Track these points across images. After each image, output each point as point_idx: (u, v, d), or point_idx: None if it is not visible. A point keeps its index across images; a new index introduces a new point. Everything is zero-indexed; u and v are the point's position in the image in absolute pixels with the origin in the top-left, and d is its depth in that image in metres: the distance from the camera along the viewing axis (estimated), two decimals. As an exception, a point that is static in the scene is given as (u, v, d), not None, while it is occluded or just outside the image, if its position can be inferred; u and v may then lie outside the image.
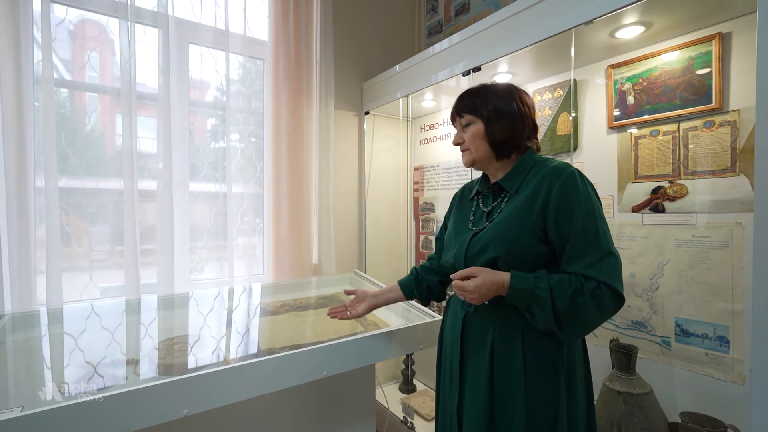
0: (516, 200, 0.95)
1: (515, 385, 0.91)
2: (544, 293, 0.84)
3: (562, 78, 1.68)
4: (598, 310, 0.84)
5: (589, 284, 0.84)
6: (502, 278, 0.88)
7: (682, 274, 1.33)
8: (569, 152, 1.63)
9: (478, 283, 0.88)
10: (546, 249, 0.90)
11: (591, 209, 0.88)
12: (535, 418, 0.90)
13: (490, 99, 0.99)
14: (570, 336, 0.88)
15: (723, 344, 1.24)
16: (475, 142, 1.00)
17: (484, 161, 1.02)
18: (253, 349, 1.27)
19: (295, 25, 2.01)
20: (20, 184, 1.45)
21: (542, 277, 0.87)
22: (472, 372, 0.98)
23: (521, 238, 0.90)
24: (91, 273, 1.69)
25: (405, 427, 1.96)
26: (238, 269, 1.96)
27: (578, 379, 0.95)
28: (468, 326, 1.01)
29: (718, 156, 1.25)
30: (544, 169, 0.93)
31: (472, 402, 0.97)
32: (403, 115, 2.45)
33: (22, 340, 1.26)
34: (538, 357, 0.91)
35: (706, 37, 1.26)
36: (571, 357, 0.94)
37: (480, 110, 0.99)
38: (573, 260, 0.87)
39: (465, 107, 1.02)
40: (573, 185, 0.88)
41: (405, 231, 2.58)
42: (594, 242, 0.86)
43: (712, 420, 1.20)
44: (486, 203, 1.04)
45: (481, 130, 0.99)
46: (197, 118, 1.97)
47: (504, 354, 0.93)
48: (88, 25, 1.70)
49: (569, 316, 0.84)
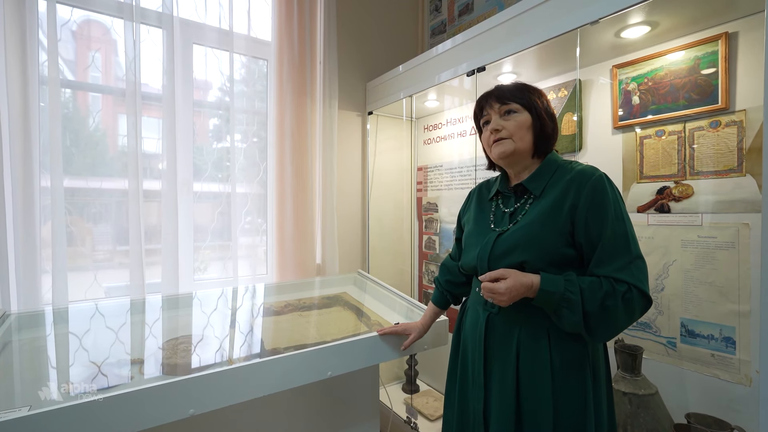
0: (542, 203, 0.94)
1: (543, 386, 0.90)
2: (575, 296, 0.84)
3: (567, 78, 1.68)
4: (626, 313, 0.84)
5: (620, 287, 0.84)
6: (531, 280, 0.87)
7: (688, 275, 1.32)
8: (574, 152, 1.63)
9: (509, 285, 0.86)
10: (573, 252, 0.90)
11: (620, 213, 0.88)
12: (563, 417, 0.90)
13: (537, 94, 1.00)
14: (597, 338, 0.87)
15: (729, 345, 1.23)
16: (521, 132, 0.97)
17: (523, 155, 0.99)
18: (257, 350, 1.27)
19: (298, 26, 2.02)
20: (26, 184, 1.46)
21: (572, 280, 0.86)
22: (499, 373, 0.97)
23: (549, 240, 0.89)
24: (95, 273, 1.70)
25: (408, 427, 1.96)
26: (242, 269, 1.97)
27: (602, 378, 0.95)
28: (492, 328, 1.00)
29: (724, 156, 1.25)
30: (570, 172, 0.93)
31: (499, 404, 0.95)
32: (406, 116, 2.45)
33: (29, 340, 1.26)
34: (564, 357, 0.91)
35: (712, 36, 1.25)
36: (596, 356, 0.94)
37: (531, 102, 0.98)
38: (603, 263, 0.86)
39: (512, 96, 0.99)
40: (602, 189, 0.88)
41: (408, 231, 2.57)
42: (624, 246, 0.86)
43: (718, 421, 1.19)
44: (507, 204, 1.03)
45: (528, 121, 0.98)
46: (200, 119, 1.98)
47: (530, 355, 0.93)
48: (90, 25, 1.70)
49: (599, 319, 0.84)
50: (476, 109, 1.07)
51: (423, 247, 2.48)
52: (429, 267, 2.43)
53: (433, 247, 2.40)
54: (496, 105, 1.00)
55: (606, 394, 0.96)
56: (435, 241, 2.39)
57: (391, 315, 1.55)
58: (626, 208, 0.92)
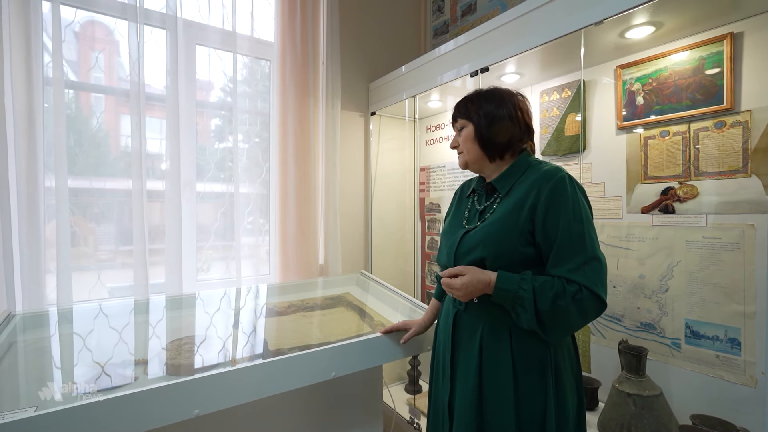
0: (507, 202, 0.98)
1: (504, 380, 0.93)
2: (527, 294, 0.87)
3: (570, 78, 1.67)
4: (579, 314, 0.87)
5: (570, 288, 0.86)
6: (489, 277, 0.92)
7: (693, 276, 1.32)
8: (577, 153, 1.62)
9: (464, 282, 0.93)
10: (533, 251, 0.93)
11: (578, 213, 0.89)
12: (524, 412, 0.92)
13: (480, 103, 1.05)
14: (553, 336, 0.90)
15: (734, 346, 1.23)
16: (467, 145, 1.06)
17: (477, 163, 1.06)
18: (261, 350, 1.28)
19: (301, 26, 2.02)
20: (30, 185, 1.46)
21: (527, 278, 0.89)
22: (463, 367, 1.01)
23: (509, 239, 0.93)
24: (99, 273, 1.70)
25: (411, 427, 1.96)
26: (245, 269, 1.97)
27: (566, 378, 0.96)
28: (459, 323, 1.04)
29: (729, 157, 1.24)
30: (536, 173, 0.96)
31: (462, 396, 0.99)
32: (409, 116, 2.45)
33: (33, 340, 1.27)
34: (525, 355, 0.94)
35: (717, 36, 1.25)
36: (558, 356, 0.95)
37: (471, 114, 1.05)
38: (558, 263, 0.89)
39: (458, 112, 1.09)
40: (562, 189, 0.90)
41: (411, 231, 2.57)
42: (579, 246, 0.88)
43: (723, 423, 1.19)
44: (480, 201, 1.08)
45: (471, 133, 1.04)
46: (202, 119, 1.98)
47: (493, 350, 0.96)
48: (94, 26, 1.71)
49: (551, 317, 0.87)
50: None
51: (425, 247, 2.48)
52: (432, 267, 2.43)
53: (435, 248, 2.40)
54: (453, 123, 1.11)
55: (574, 394, 0.97)
56: (438, 241, 2.39)
57: (394, 315, 1.55)
58: (592, 210, 0.96)
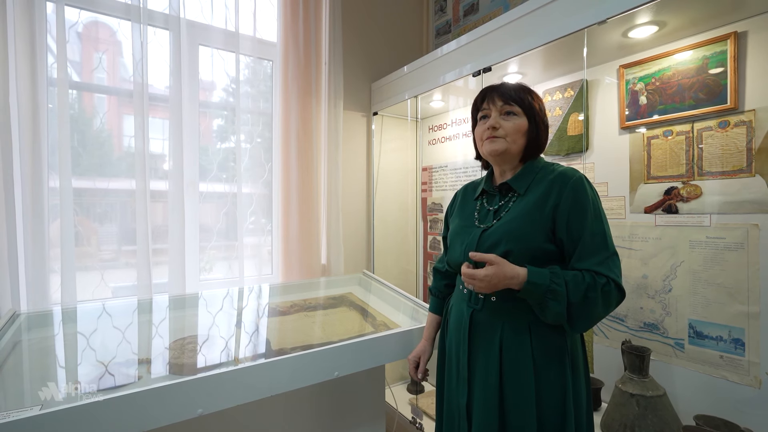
0: (525, 200, 0.99)
1: (525, 376, 0.94)
2: (560, 288, 0.88)
3: (573, 78, 1.67)
4: (605, 304, 0.91)
5: (600, 280, 0.90)
6: (517, 272, 0.90)
7: (696, 276, 1.31)
8: (580, 153, 1.62)
9: (489, 273, 0.90)
10: (553, 247, 0.95)
11: (598, 213, 0.94)
12: (545, 405, 0.94)
13: (537, 100, 1.03)
14: (577, 328, 0.93)
15: (738, 347, 1.22)
16: (515, 135, 1.01)
17: (513, 156, 1.03)
18: (264, 350, 1.28)
19: (304, 27, 2.02)
20: (35, 185, 1.47)
21: (557, 272, 0.91)
22: (482, 368, 1.00)
23: (532, 235, 0.94)
24: (102, 272, 1.71)
25: (414, 427, 1.96)
26: (247, 269, 1.97)
27: (580, 365, 1.00)
28: (476, 324, 1.02)
29: (733, 156, 1.24)
30: (552, 173, 0.99)
31: (483, 397, 0.98)
32: (411, 116, 2.45)
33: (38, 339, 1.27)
34: (545, 349, 0.95)
35: (720, 36, 1.24)
36: (574, 345, 0.99)
37: (530, 107, 1.01)
38: (583, 258, 0.92)
39: (515, 97, 1.01)
40: (582, 190, 0.94)
41: (413, 231, 2.57)
42: (602, 243, 0.93)
43: (727, 423, 1.19)
44: (491, 202, 1.07)
45: (524, 126, 1.01)
46: (205, 119, 1.98)
47: (513, 348, 0.96)
48: (97, 27, 1.71)
49: (580, 309, 0.89)
50: (478, 99, 1.08)
51: (428, 247, 2.48)
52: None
53: (438, 248, 2.40)
54: (499, 102, 1.02)
55: (584, 384, 1.01)
56: (440, 241, 2.38)
57: (397, 315, 1.55)
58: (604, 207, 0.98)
